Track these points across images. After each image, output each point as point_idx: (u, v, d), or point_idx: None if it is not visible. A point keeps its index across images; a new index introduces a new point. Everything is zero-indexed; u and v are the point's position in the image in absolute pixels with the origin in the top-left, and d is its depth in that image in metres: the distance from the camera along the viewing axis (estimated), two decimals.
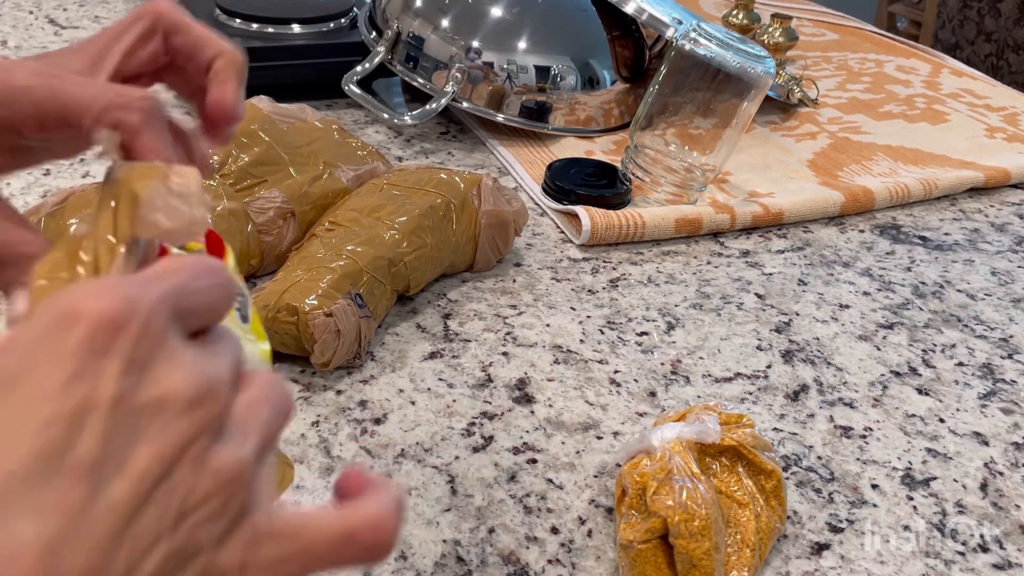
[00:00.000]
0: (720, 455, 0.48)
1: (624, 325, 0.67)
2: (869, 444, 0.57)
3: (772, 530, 0.48)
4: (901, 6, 2.88)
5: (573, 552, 0.48)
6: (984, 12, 2.30)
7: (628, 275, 0.73)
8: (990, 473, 0.55)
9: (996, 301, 0.73)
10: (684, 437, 0.47)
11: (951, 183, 0.88)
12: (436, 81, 0.91)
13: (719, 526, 0.45)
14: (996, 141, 0.99)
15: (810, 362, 0.64)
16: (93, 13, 1.23)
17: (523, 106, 0.92)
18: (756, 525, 0.47)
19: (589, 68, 0.94)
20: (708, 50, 0.77)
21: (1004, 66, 2.26)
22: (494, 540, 0.48)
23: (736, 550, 0.46)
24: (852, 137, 0.98)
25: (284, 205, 0.67)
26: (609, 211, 0.77)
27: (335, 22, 1.01)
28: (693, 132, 0.80)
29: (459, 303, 0.68)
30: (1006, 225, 0.85)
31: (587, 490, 0.52)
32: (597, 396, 0.59)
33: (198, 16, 1.09)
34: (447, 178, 0.69)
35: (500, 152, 0.90)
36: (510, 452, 0.54)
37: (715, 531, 0.44)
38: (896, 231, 0.82)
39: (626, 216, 0.76)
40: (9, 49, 1.08)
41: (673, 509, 0.44)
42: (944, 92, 1.12)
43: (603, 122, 0.96)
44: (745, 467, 0.49)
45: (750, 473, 0.49)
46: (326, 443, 0.54)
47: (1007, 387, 0.63)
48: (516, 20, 0.92)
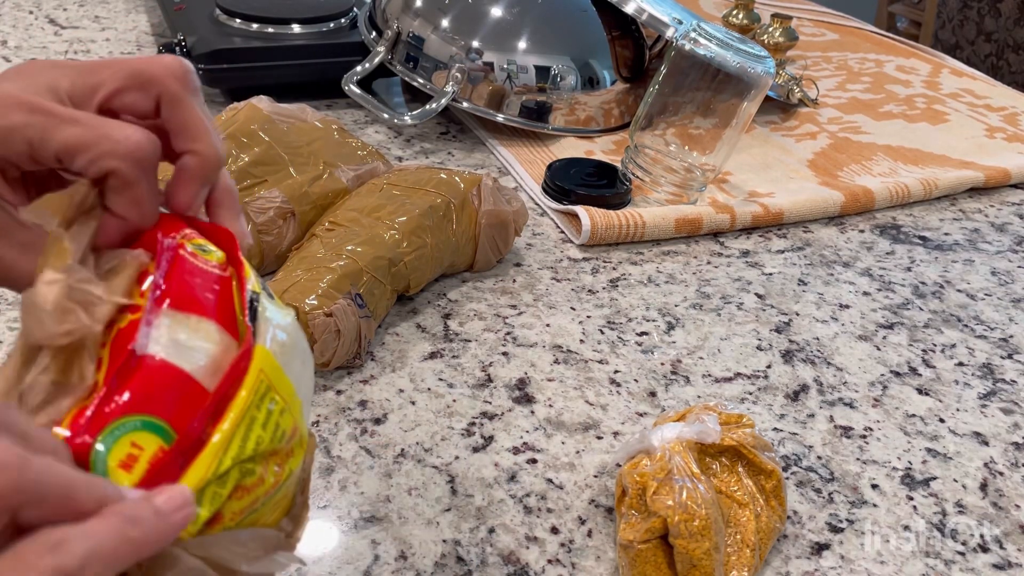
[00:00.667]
0: (720, 455, 0.48)
1: (624, 325, 0.67)
2: (869, 444, 0.57)
3: (772, 530, 0.48)
4: (901, 6, 2.89)
5: (573, 552, 0.48)
6: (984, 12, 2.30)
7: (628, 275, 0.73)
8: (990, 473, 0.55)
9: (996, 301, 0.73)
10: (684, 437, 0.47)
11: (951, 183, 0.88)
12: (436, 81, 0.91)
13: (719, 526, 0.45)
14: (996, 141, 0.99)
15: (810, 362, 0.64)
16: (93, 13, 1.23)
17: (523, 106, 0.92)
18: (756, 525, 0.47)
19: (589, 68, 0.94)
20: (708, 50, 0.77)
21: (1004, 66, 2.26)
22: (494, 540, 0.48)
23: (736, 550, 0.46)
24: (852, 137, 0.98)
25: (284, 205, 0.67)
26: (609, 211, 0.77)
27: (335, 22, 1.01)
28: (693, 132, 0.80)
29: (459, 303, 0.68)
30: (1006, 225, 0.85)
31: (587, 490, 0.52)
32: (597, 396, 0.59)
33: (198, 16, 1.09)
34: (447, 178, 0.69)
35: (500, 152, 0.90)
36: (510, 452, 0.54)
37: (715, 531, 0.44)
38: (896, 231, 0.82)
39: (626, 216, 0.76)
40: (9, 49, 1.09)
41: (673, 509, 0.44)
42: (944, 92, 1.12)
43: (603, 122, 0.96)
44: (745, 467, 0.49)
45: (750, 473, 0.49)
46: (326, 443, 0.54)
47: (1007, 387, 0.63)
48: (516, 20, 0.92)
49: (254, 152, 0.68)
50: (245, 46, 0.94)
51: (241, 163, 0.67)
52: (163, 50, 0.93)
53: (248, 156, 0.68)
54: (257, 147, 0.68)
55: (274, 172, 0.68)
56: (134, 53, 1.10)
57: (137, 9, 1.26)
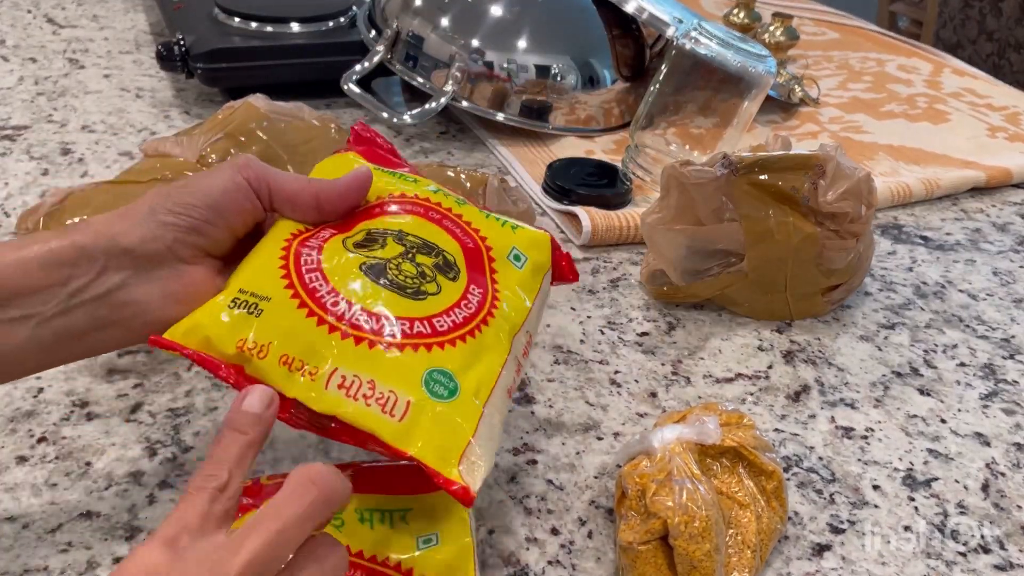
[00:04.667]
0: (721, 456, 0.48)
1: (624, 325, 0.66)
2: (870, 445, 0.57)
3: (773, 531, 0.48)
4: (902, 5, 2.88)
5: (573, 553, 0.48)
6: (986, 11, 2.29)
7: (628, 275, 0.72)
8: (991, 474, 0.55)
9: (998, 301, 0.73)
10: (684, 438, 0.47)
11: (953, 183, 0.88)
12: (436, 80, 0.91)
13: (720, 527, 0.45)
14: (998, 140, 0.99)
15: (811, 362, 0.64)
16: (91, 12, 1.23)
17: (523, 105, 0.91)
18: (757, 526, 0.47)
19: (589, 67, 0.94)
20: (709, 49, 0.77)
21: (1006, 65, 2.26)
22: (494, 541, 0.48)
23: (737, 551, 0.46)
24: (853, 136, 0.98)
25: None
26: (609, 212, 0.76)
27: (334, 21, 1.01)
28: (694, 131, 0.80)
29: None
30: (1008, 225, 0.85)
31: (587, 491, 0.52)
32: (597, 397, 0.59)
33: (197, 15, 1.09)
34: (453, 176, 0.69)
35: (500, 152, 0.90)
36: (510, 453, 0.54)
37: (715, 532, 0.44)
38: (897, 231, 0.82)
39: (626, 217, 0.76)
40: (7, 48, 1.08)
41: (673, 510, 0.44)
42: (946, 91, 1.12)
43: (603, 121, 0.96)
44: (746, 468, 0.48)
45: (751, 474, 0.48)
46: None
47: (1009, 387, 0.63)
48: (516, 19, 0.92)
49: (252, 151, 0.68)
50: (244, 45, 0.94)
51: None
52: (162, 49, 0.93)
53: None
54: (255, 146, 0.68)
55: None
56: (132, 52, 1.10)
57: (136, 8, 1.26)
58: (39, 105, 0.94)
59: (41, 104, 0.94)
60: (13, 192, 0.77)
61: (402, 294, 0.43)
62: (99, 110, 0.94)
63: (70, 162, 0.83)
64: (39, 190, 0.78)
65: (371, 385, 0.39)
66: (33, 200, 0.76)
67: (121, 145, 0.87)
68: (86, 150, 0.85)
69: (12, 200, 0.76)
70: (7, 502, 0.48)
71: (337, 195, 0.46)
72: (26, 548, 0.46)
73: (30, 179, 0.80)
